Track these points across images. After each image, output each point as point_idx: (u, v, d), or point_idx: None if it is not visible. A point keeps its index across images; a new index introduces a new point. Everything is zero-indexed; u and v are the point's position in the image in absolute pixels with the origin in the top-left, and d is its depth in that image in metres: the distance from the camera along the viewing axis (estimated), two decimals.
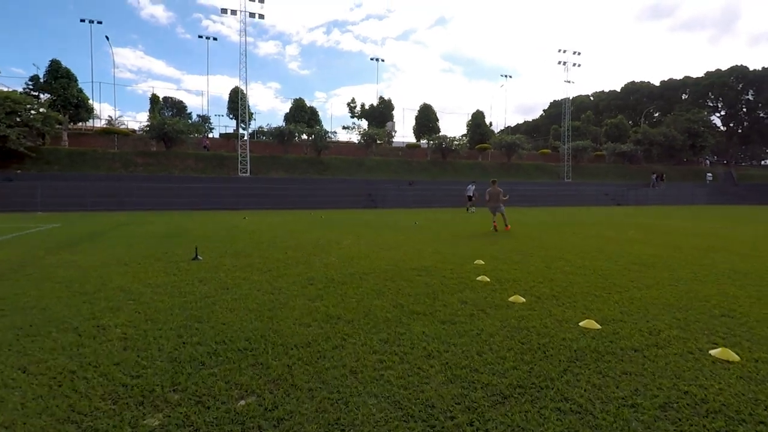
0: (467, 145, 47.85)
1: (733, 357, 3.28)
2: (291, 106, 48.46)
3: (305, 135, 41.60)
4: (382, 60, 55.36)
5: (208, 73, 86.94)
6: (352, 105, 52.92)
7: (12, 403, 2.67)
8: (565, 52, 47.49)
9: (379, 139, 44.12)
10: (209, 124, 45.62)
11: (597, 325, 4.06)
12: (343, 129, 58.70)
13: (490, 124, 57.38)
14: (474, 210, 25.29)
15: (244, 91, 38.91)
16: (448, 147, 44.54)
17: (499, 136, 53.00)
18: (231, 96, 46.23)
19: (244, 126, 39.23)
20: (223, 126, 54.32)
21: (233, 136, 42.57)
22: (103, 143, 37.13)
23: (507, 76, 57.42)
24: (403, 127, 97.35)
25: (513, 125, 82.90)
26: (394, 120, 51.98)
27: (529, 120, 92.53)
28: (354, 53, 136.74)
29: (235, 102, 41.90)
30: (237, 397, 2.72)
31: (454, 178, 41.75)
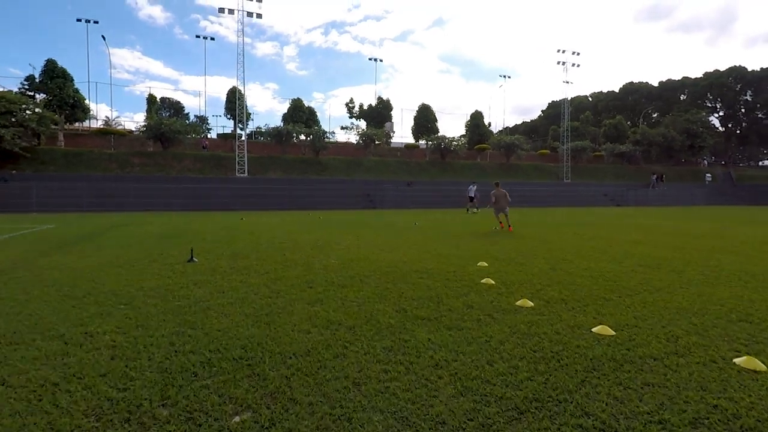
0: (466, 146, 47.70)
1: (760, 366, 3.08)
2: (289, 106, 48.23)
3: (303, 135, 41.38)
4: (380, 60, 55.35)
5: (206, 74, 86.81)
6: (350, 105, 52.76)
7: None
8: (564, 52, 47.45)
9: (377, 140, 43.91)
10: (207, 125, 45.37)
11: (611, 331, 3.87)
12: (342, 129, 58.54)
13: (489, 124, 57.30)
14: (476, 211, 25.12)
15: (242, 91, 38.69)
16: (447, 147, 44.37)
17: (497, 136, 52.86)
18: (228, 96, 45.99)
19: (242, 126, 39.00)
20: (220, 126, 54.09)
21: (231, 136, 42.32)
22: (100, 144, 36.87)
23: (506, 77, 57.32)
24: (401, 128, 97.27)
25: (511, 126, 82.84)
26: (393, 121, 51.84)
27: (528, 121, 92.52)
28: (352, 54, 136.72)
29: (233, 102, 41.66)
30: (231, 412, 2.51)
31: (453, 178, 41.59)
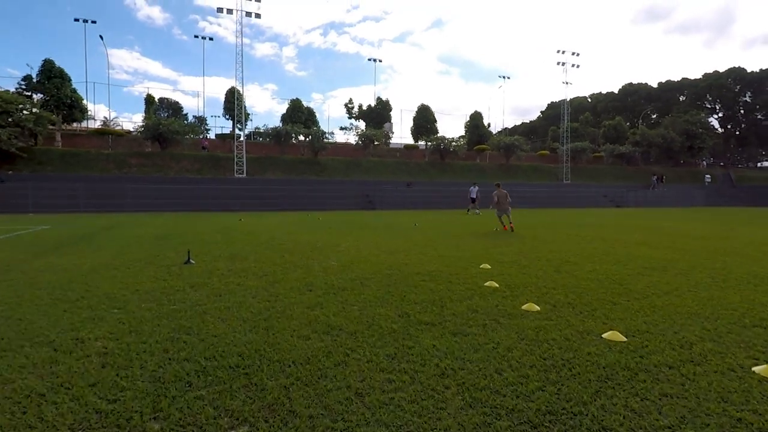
0: (465, 147, 47.59)
1: None
2: (288, 106, 48.09)
3: (302, 136, 41.22)
4: (380, 60, 55.27)
5: (204, 75, 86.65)
6: (349, 106, 52.64)
7: None
8: (563, 52, 47.39)
9: (376, 140, 43.77)
10: (206, 125, 45.18)
11: (622, 337, 3.73)
12: (341, 130, 58.39)
13: (488, 125, 57.23)
14: (477, 212, 24.98)
15: (240, 91, 38.54)
16: (446, 148, 44.25)
17: (497, 137, 52.74)
18: (227, 96, 45.84)
19: (241, 127, 38.84)
20: (219, 127, 53.97)
21: (229, 136, 42.14)
22: (98, 144, 36.67)
23: (505, 78, 57.23)
24: (400, 129, 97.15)
25: (510, 127, 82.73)
26: (392, 121, 51.73)
27: (527, 122, 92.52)
28: (351, 55, 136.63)
29: (231, 102, 41.49)
30: (227, 426, 2.37)
31: (452, 179, 41.48)
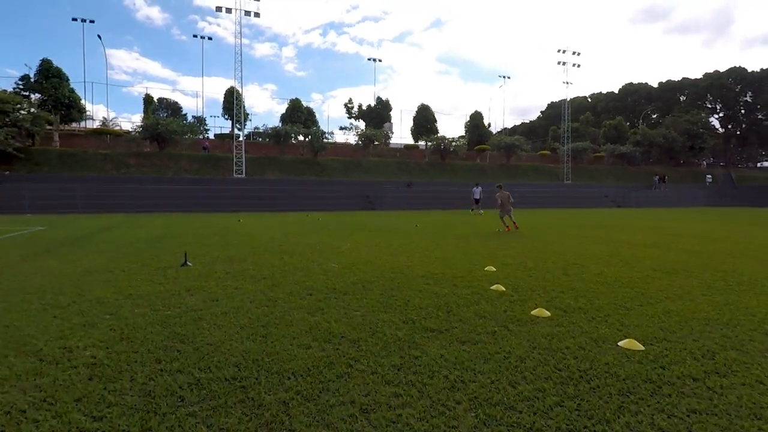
0: (466, 146, 47.40)
1: None
2: (287, 106, 47.86)
3: (302, 136, 41.01)
4: (379, 60, 55.07)
5: (204, 75, 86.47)
6: (349, 106, 52.45)
7: None
8: (564, 52, 47.21)
9: (376, 140, 43.57)
10: (205, 126, 44.97)
11: (639, 345, 3.54)
12: (341, 130, 58.22)
13: (489, 125, 57.05)
14: (481, 213, 24.84)
15: (239, 91, 38.34)
16: (446, 148, 44.06)
17: (497, 137, 52.55)
18: (226, 96, 45.61)
19: (240, 126, 38.64)
20: (218, 127, 53.72)
21: (228, 137, 41.94)
22: (96, 144, 36.46)
23: (505, 77, 57.09)
24: (400, 129, 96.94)
25: (510, 127, 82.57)
26: (392, 121, 51.53)
27: (526, 122, 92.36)
28: (350, 55, 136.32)
29: (230, 102, 41.28)
30: None
31: (452, 179, 41.29)
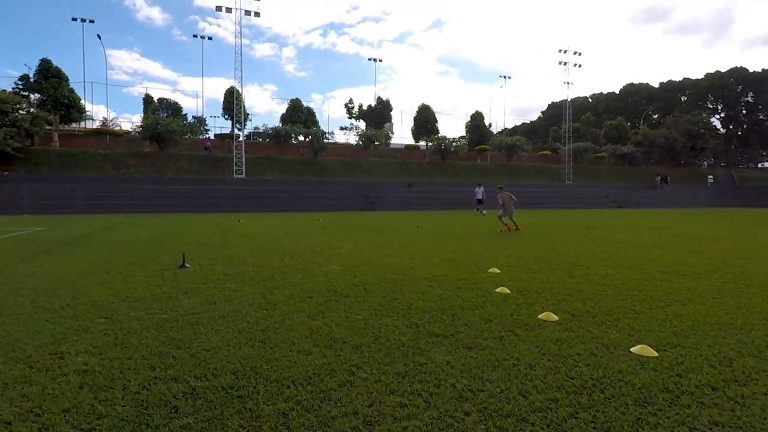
0: (466, 147, 47.27)
1: None
2: (287, 106, 47.75)
3: (302, 136, 40.89)
4: (380, 60, 54.94)
5: (204, 75, 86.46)
6: (350, 106, 52.33)
7: None
8: (565, 52, 47.10)
9: (377, 140, 43.45)
10: (205, 126, 44.83)
11: (653, 351, 3.41)
12: (341, 130, 58.11)
13: (489, 125, 56.92)
14: (484, 213, 24.71)
15: (239, 90, 38.22)
16: (447, 148, 43.93)
17: (498, 137, 52.41)
18: (226, 96, 45.50)
19: (240, 126, 38.51)
20: (218, 127, 53.56)
21: (228, 137, 41.82)
22: (95, 144, 36.36)
23: (505, 77, 56.96)
24: (400, 129, 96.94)
25: (510, 127, 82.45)
26: (392, 121, 51.41)
27: (527, 122, 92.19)
28: (350, 55, 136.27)
29: (231, 102, 41.17)
30: None
31: (453, 179, 41.17)
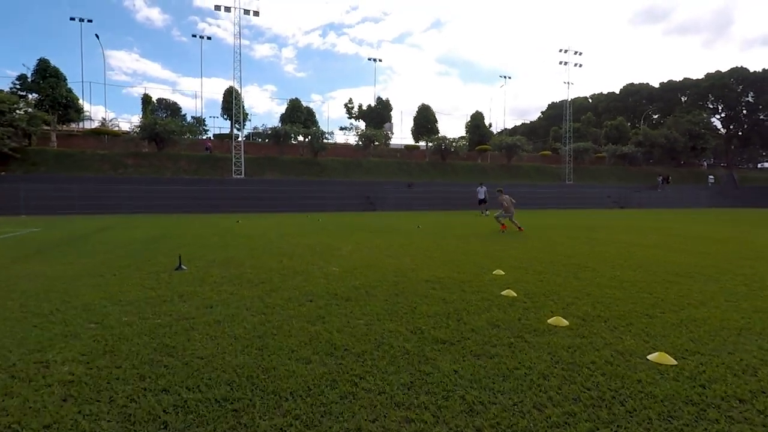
0: (467, 147, 47.10)
1: None
2: (287, 106, 47.56)
3: (301, 136, 40.71)
4: (379, 60, 54.79)
5: (203, 75, 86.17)
6: (349, 106, 52.16)
7: None
8: (566, 52, 46.96)
9: (377, 141, 43.27)
10: (204, 126, 44.66)
11: (671, 359, 3.23)
12: (341, 130, 57.94)
13: (489, 125, 56.77)
14: (487, 213, 24.49)
15: (239, 90, 38.03)
16: (447, 148, 43.76)
17: (498, 137, 52.24)
18: (225, 96, 45.30)
19: (239, 127, 38.33)
20: (217, 128, 53.35)
21: (227, 137, 41.63)
22: (93, 144, 36.16)
23: (506, 77, 56.82)
24: (400, 129, 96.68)
25: (510, 127, 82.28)
26: (392, 122, 51.24)
27: (527, 122, 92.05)
28: (350, 56, 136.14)
29: (230, 102, 40.97)
30: None
31: (453, 179, 41.00)
